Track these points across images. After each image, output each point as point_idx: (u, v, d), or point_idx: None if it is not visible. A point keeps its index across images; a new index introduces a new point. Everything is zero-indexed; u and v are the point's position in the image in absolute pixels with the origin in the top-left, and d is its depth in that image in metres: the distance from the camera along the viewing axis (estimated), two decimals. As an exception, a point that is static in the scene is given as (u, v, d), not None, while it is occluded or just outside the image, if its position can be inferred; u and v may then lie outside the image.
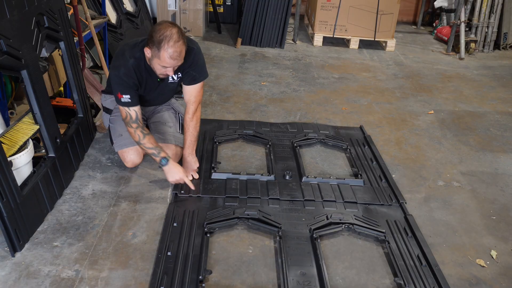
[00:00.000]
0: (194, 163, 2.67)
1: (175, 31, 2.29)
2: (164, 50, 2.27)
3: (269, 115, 3.59)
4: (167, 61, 2.31)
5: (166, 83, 2.65)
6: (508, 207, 2.66)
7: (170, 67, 2.36)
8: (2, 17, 2.05)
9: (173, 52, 2.28)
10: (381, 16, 5.39)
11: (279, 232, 2.27)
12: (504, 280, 2.13)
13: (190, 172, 2.64)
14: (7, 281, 1.92)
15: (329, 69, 4.76)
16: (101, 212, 2.38)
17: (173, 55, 2.29)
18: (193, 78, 2.59)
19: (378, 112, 3.79)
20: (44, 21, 2.45)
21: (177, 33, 2.29)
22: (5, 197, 1.97)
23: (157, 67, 2.38)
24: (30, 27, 2.30)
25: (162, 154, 2.50)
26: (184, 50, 2.34)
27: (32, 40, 2.31)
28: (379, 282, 2.06)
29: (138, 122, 2.48)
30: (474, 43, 5.55)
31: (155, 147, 2.50)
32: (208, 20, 6.02)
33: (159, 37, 2.27)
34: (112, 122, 2.80)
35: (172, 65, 2.35)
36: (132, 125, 2.48)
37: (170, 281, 1.94)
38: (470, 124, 3.69)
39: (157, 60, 2.33)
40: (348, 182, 2.71)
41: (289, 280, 1.99)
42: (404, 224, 2.41)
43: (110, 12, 4.42)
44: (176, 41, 2.28)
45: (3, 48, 2.03)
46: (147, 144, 2.49)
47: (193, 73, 2.58)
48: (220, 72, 4.44)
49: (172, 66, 2.36)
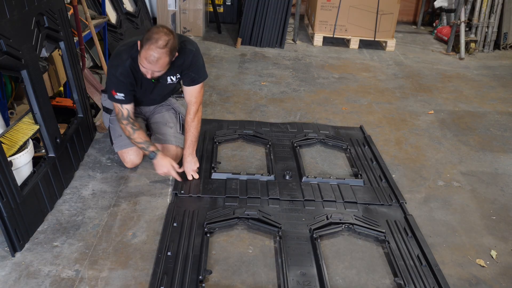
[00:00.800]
0: (194, 163, 2.68)
1: (165, 38, 2.26)
2: (144, 49, 2.27)
3: (269, 115, 3.59)
4: (143, 61, 2.30)
5: (165, 84, 2.64)
6: (508, 207, 2.66)
7: (146, 68, 2.33)
8: (2, 17, 2.05)
9: (150, 55, 2.25)
10: (381, 16, 5.39)
11: (279, 232, 2.27)
12: (504, 280, 2.13)
13: (191, 172, 2.64)
14: (7, 281, 1.92)
15: (329, 69, 4.76)
16: (101, 212, 2.38)
17: (149, 58, 2.26)
18: (192, 79, 2.60)
19: (378, 112, 3.79)
20: (44, 21, 2.45)
21: (165, 41, 2.26)
22: (5, 197, 1.98)
23: (139, 65, 2.37)
24: (30, 27, 2.30)
25: (151, 148, 2.57)
26: (164, 60, 2.29)
27: (32, 40, 2.31)
28: (379, 282, 2.06)
29: (129, 119, 2.55)
30: (474, 43, 5.55)
31: (144, 141, 2.56)
32: (208, 20, 6.02)
33: (148, 36, 2.28)
34: (112, 122, 2.80)
35: (147, 68, 2.31)
36: (123, 121, 2.56)
37: (170, 281, 1.94)
38: (470, 124, 3.69)
39: (139, 57, 2.34)
40: (348, 182, 2.71)
41: (289, 280, 1.99)
42: (404, 224, 2.41)
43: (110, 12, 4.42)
44: (159, 47, 2.25)
45: (3, 48, 2.03)
46: (137, 139, 2.56)
47: (192, 74, 2.58)
48: (220, 72, 4.44)
49: (149, 70, 2.32)
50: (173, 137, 2.78)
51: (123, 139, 2.70)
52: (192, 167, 2.66)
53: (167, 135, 2.78)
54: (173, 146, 2.76)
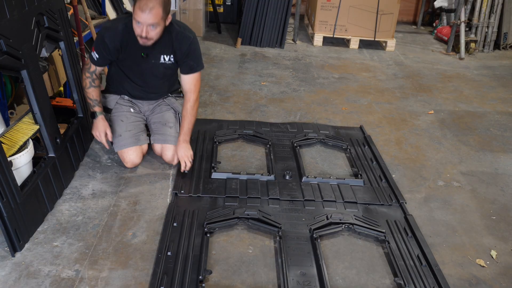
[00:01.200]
0: (188, 150, 2.70)
1: None
2: (138, 2, 2.40)
3: (269, 115, 3.59)
4: (137, 13, 2.40)
5: (157, 64, 2.69)
6: (508, 207, 2.66)
7: (140, 22, 2.41)
8: (2, 17, 2.04)
9: (144, 4, 2.37)
10: (381, 16, 5.39)
11: (279, 232, 2.27)
12: (504, 280, 2.13)
13: (184, 159, 2.67)
14: (7, 281, 1.92)
15: (329, 69, 4.76)
16: (101, 212, 2.38)
17: (142, 7, 2.37)
18: (191, 67, 2.70)
19: (378, 112, 3.79)
20: (44, 21, 2.45)
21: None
22: (5, 197, 1.97)
23: (133, 26, 2.47)
24: (30, 27, 2.30)
25: (97, 109, 2.70)
26: (158, 10, 2.39)
27: (32, 40, 2.31)
28: (379, 282, 2.06)
29: (93, 75, 2.70)
30: (474, 43, 5.55)
31: (95, 99, 2.70)
32: (208, 20, 6.02)
33: None
34: (111, 122, 2.80)
35: (141, 19, 2.40)
36: (87, 74, 2.70)
37: (170, 281, 1.94)
38: (470, 124, 3.69)
39: (133, 15, 2.44)
40: (348, 182, 2.71)
41: (289, 280, 1.99)
42: (404, 224, 2.41)
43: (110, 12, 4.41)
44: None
45: (3, 48, 2.02)
46: (90, 94, 2.70)
47: (191, 62, 2.68)
48: (220, 72, 4.44)
49: (143, 24, 2.41)
50: (173, 137, 2.78)
51: (123, 139, 2.70)
52: (186, 153, 2.68)
53: (167, 135, 2.78)
54: (173, 146, 2.75)
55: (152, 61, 2.66)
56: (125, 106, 2.84)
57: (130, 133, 2.73)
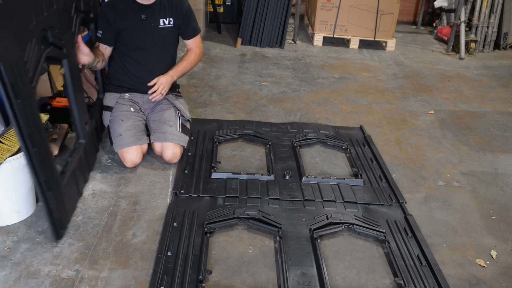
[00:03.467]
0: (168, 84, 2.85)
1: None
2: None
3: (269, 115, 3.59)
4: None
5: (157, 28, 2.78)
6: (508, 207, 2.66)
7: None
8: (50, 7, 2.00)
9: None
10: (381, 16, 5.39)
11: (279, 232, 2.27)
12: (504, 280, 2.13)
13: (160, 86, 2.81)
14: (7, 281, 1.92)
15: (329, 69, 4.76)
16: (101, 212, 2.38)
17: None
18: (194, 29, 2.93)
19: (378, 112, 3.79)
20: (80, 5, 2.42)
21: None
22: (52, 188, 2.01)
23: None
24: (70, 14, 2.25)
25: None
26: None
27: (72, 27, 2.27)
28: (379, 282, 2.06)
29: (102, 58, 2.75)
30: (474, 43, 5.55)
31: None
32: (208, 20, 6.02)
33: None
34: (111, 122, 2.80)
35: None
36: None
37: (170, 281, 1.94)
38: (470, 124, 3.69)
39: None
40: (348, 182, 2.71)
41: (289, 280, 1.99)
42: (404, 224, 2.41)
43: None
44: None
45: (49, 39, 1.98)
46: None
47: (192, 23, 2.89)
48: (220, 72, 4.44)
49: None
50: (173, 135, 2.78)
51: (123, 139, 2.70)
52: (164, 83, 2.82)
53: (167, 133, 2.78)
54: (173, 144, 2.75)
55: (151, 24, 2.77)
56: (125, 105, 2.84)
57: (130, 133, 2.73)
